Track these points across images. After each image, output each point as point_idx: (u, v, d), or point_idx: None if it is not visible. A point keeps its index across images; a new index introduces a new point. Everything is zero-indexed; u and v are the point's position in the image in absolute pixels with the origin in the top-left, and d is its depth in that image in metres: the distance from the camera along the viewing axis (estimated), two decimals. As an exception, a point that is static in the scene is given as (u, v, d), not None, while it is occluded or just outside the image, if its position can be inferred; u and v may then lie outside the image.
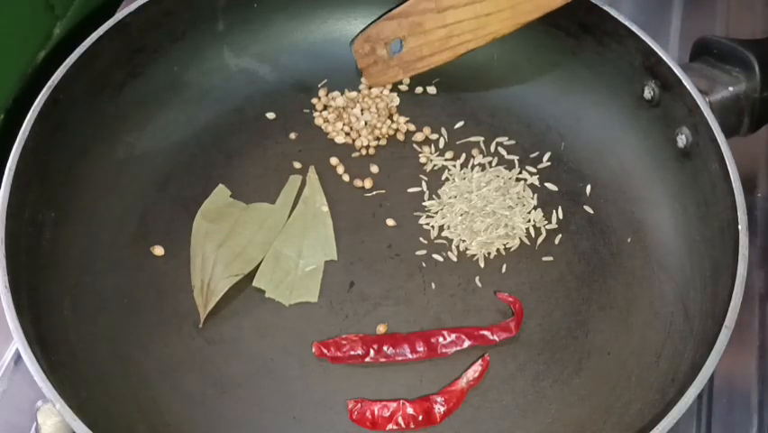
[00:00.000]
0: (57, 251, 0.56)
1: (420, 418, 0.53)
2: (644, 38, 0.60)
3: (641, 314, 0.57)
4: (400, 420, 0.53)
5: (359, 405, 0.54)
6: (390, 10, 0.65)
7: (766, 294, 0.60)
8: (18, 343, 0.48)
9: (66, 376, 0.50)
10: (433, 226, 0.61)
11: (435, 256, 0.60)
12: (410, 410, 0.53)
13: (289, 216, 0.62)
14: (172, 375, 0.55)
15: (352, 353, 0.55)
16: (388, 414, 0.53)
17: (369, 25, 0.67)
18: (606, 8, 0.61)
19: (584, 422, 0.54)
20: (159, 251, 0.60)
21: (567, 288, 0.59)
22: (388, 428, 0.53)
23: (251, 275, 0.59)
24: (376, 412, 0.53)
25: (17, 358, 0.58)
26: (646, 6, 0.77)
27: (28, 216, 0.55)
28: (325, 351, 0.55)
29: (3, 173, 0.54)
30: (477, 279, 0.59)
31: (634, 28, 0.60)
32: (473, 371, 0.55)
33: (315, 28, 0.69)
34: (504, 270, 0.59)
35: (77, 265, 0.57)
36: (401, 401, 0.54)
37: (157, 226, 0.61)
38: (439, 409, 0.53)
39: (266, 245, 0.60)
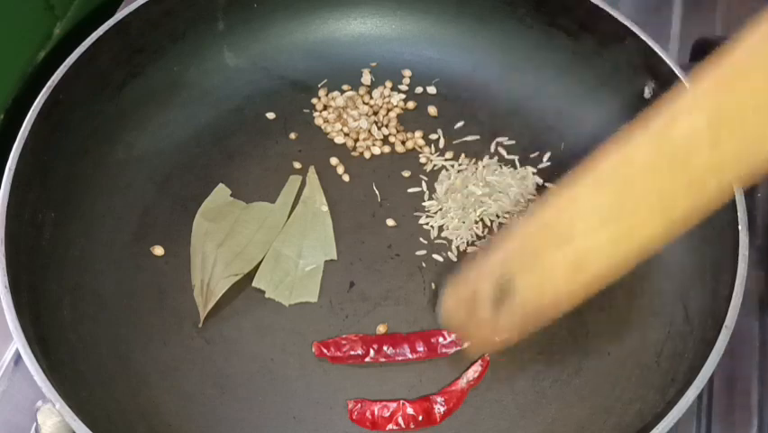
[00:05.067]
0: (57, 251, 0.56)
1: (420, 418, 0.53)
2: (644, 38, 0.60)
3: (641, 314, 0.57)
4: (400, 420, 0.53)
5: (359, 405, 0.54)
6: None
7: (766, 294, 0.60)
8: (18, 343, 0.48)
9: (66, 376, 0.50)
10: (433, 226, 0.61)
11: (435, 256, 0.60)
12: (410, 411, 0.53)
13: (289, 216, 0.62)
14: (172, 375, 0.55)
15: (352, 353, 0.55)
16: (388, 414, 0.53)
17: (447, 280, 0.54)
18: (606, 8, 0.61)
19: (584, 422, 0.54)
20: (159, 251, 0.60)
21: (567, 288, 0.59)
22: (387, 429, 0.53)
23: (250, 275, 0.59)
24: (376, 412, 0.53)
25: (17, 358, 0.58)
26: (646, 6, 0.77)
27: (28, 216, 0.55)
28: (325, 351, 0.55)
29: (3, 173, 0.54)
30: (477, 279, 0.59)
31: (634, 28, 0.60)
32: (473, 371, 0.55)
33: (315, 28, 0.69)
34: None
35: (77, 265, 0.57)
36: (401, 402, 0.54)
37: (157, 226, 0.61)
38: (439, 409, 0.53)
39: (266, 245, 0.60)
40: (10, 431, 0.55)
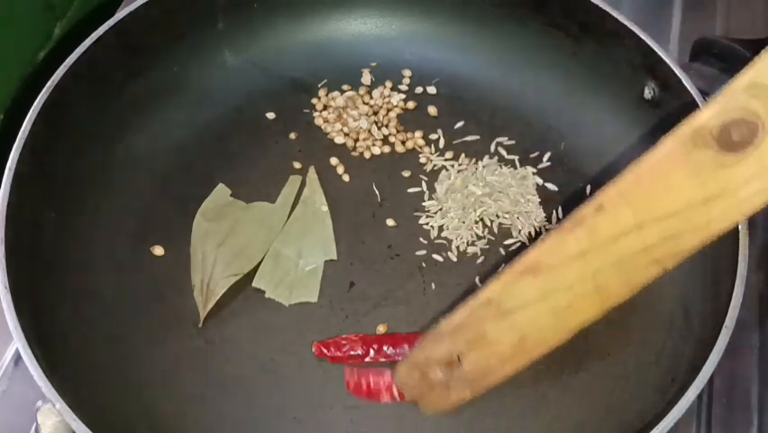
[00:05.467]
0: (57, 251, 0.56)
1: None
2: (644, 38, 0.60)
3: (641, 314, 0.57)
4: (395, 392, 0.54)
5: (355, 375, 0.54)
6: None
7: (766, 294, 0.60)
8: (18, 343, 0.48)
9: (66, 376, 0.50)
10: (432, 226, 0.61)
11: (435, 256, 0.60)
12: None
13: (289, 216, 0.62)
14: (172, 375, 0.55)
15: (352, 353, 0.55)
16: (384, 385, 0.54)
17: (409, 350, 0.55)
18: (606, 8, 0.61)
19: (584, 422, 0.54)
20: (159, 251, 0.60)
21: (567, 288, 0.59)
22: (383, 401, 0.54)
23: (250, 275, 0.59)
24: (372, 382, 0.54)
25: (17, 358, 0.58)
26: (646, 6, 0.77)
27: (28, 216, 0.54)
28: (325, 351, 0.55)
29: (3, 173, 0.54)
30: (477, 279, 0.59)
31: (634, 28, 0.60)
32: None
33: (315, 28, 0.69)
34: (504, 270, 0.59)
35: (77, 265, 0.57)
36: None
37: (157, 226, 0.61)
38: None
39: (266, 245, 0.60)
40: (10, 431, 0.55)
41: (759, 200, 0.41)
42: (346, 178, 0.64)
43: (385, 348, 0.56)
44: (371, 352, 0.55)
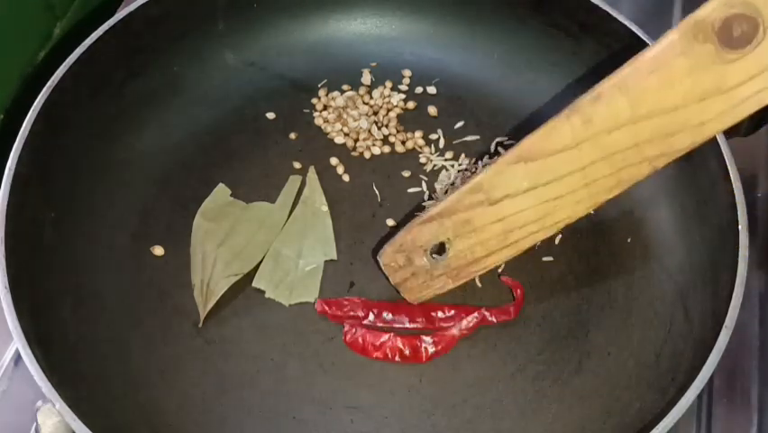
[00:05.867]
0: (57, 251, 0.56)
1: (407, 352, 0.55)
2: (644, 38, 0.60)
3: (641, 314, 0.57)
4: (388, 351, 0.55)
5: (353, 329, 0.56)
6: (425, 210, 0.54)
7: (766, 294, 0.60)
8: (18, 343, 0.48)
9: (66, 376, 0.50)
10: (433, 226, 0.61)
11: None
12: (399, 343, 0.55)
13: (289, 216, 0.62)
14: (172, 375, 0.55)
15: (352, 313, 0.57)
16: (378, 343, 0.55)
17: (398, 231, 0.55)
18: (606, 8, 0.61)
19: (584, 422, 0.54)
20: (159, 251, 0.60)
21: (567, 288, 0.59)
22: (374, 356, 0.55)
23: (250, 275, 0.59)
24: (368, 339, 0.55)
25: (17, 358, 0.58)
26: (646, 6, 0.77)
27: (28, 216, 0.55)
28: (327, 309, 0.57)
29: (3, 173, 0.54)
30: (477, 278, 0.59)
31: (634, 28, 0.60)
32: (467, 321, 0.56)
33: (315, 28, 0.69)
34: (503, 269, 0.59)
35: (77, 265, 0.57)
36: (392, 334, 0.56)
37: (157, 226, 0.61)
38: (426, 348, 0.55)
39: (266, 245, 0.60)
40: (10, 431, 0.55)
41: (754, 102, 0.42)
42: (346, 178, 0.64)
43: (384, 314, 0.57)
44: (371, 315, 0.57)
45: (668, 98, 0.43)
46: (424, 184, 0.64)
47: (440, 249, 0.52)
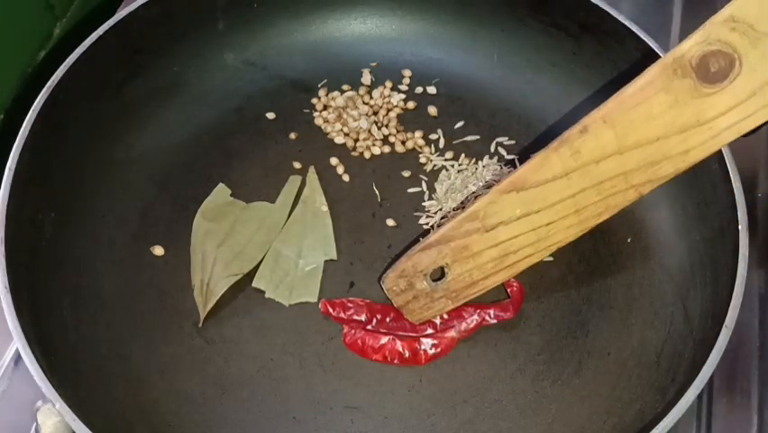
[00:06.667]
0: (57, 251, 0.56)
1: (406, 354, 0.55)
2: (644, 38, 0.60)
3: (641, 314, 0.57)
4: (387, 354, 0.55)
5: (353, 331, 0.56)
6: (424, 236, 0.57)
7: (766, 294, 0.60)
8: (18, 343, 0.48)
9: (66, 376, 0.50)
10: (433, 226, 0.61)
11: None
12: (399, 346, 0.55)
13: (289, 216, 0.62)
14: (172, 375, 0.55)
15: (356, 317, 0.56)
16: (378, 346, 0.55)
17: (399, 258, 0.57)
18: (606, 8, 0.61)
19: (584, 422, 0.54)
20: (159, 251, 0.60)
21: (567, 288, 0.59)
22: (373, 358, 0.55)
23: (250, 275, 0.59)
24: (367, 341, 0.55)
25: (17, 358, 0.58)
26: (646, 6, 0.77)
27: (28, 216, 0.55)
28: (331, 310, 0.57)
29: (3, 173, 0.54)
30: (477, 279, 0.59)
31: (634, 28, 0.60)
32: (467, 323, 0.56)
33: (315, 28, 0.69)
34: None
35: (77, 265, 0.57)
36: (392, 336, 0.56)
37: (157, 226, 0.61)
38: (426, 350, 0.55)
39: (266, 245, 0.60)
40: (10, 431, 0.55)
41: (734, 132, 0.44)
42: (346, 178, 0.64)
43: (387, 319, 0.57)
44: (374, 320, 0.57)
45: (651, 130, 0.45)
46: (424, 184, 0.64)
47: (440, 273, 0.55)
